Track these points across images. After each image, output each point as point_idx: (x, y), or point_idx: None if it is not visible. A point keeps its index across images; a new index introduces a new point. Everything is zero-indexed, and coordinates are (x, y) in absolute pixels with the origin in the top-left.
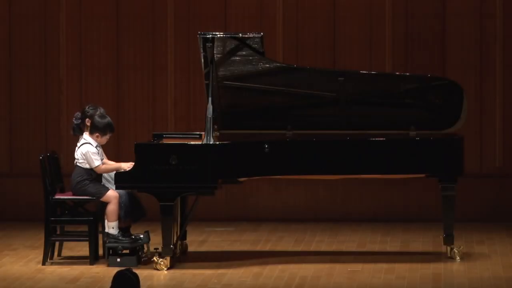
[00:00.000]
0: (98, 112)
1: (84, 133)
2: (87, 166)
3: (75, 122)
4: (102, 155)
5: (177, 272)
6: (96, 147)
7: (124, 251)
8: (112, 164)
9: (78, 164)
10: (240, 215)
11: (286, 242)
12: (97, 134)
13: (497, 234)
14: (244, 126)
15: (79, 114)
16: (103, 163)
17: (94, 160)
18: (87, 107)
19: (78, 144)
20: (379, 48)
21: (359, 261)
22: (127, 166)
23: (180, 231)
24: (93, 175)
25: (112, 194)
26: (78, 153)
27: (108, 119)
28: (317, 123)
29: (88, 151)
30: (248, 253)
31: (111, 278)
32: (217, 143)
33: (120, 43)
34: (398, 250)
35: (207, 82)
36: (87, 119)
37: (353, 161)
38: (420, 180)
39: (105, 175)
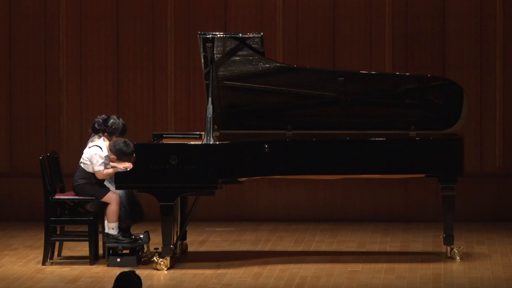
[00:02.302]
0: (117, 134)
1: (101, 138)
2: (89, 169)
3: (97, 126)
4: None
5: (177, 272)
6: (105, 156)
7: (124, 251)
8: (109, 170)
9: (81, 165)
10: (240, 215)
11: (286, 242)
12: (114, 156)
13: (497, 234)
14: (244, 126)
15: (101, 120)
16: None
17: (98, 165)
18: (112, 120)
19: (90, 144)
20: (379, 48)
21: (359, 261)
22: (122, 166)
23: (180, 231)
24: (94, 179)
25: (112, 195)
26: (86, 153)
27: (131, 148)
28: (317, 123)
29: (96, 153)
30: (248, 253)
31: (111, 278)
32: (217, 143)
33: (120, 43)
34: (398, 250)
35: (207, 82)
36: (106, 133)
37: (353, 161)
38: (420, 180)
39: None
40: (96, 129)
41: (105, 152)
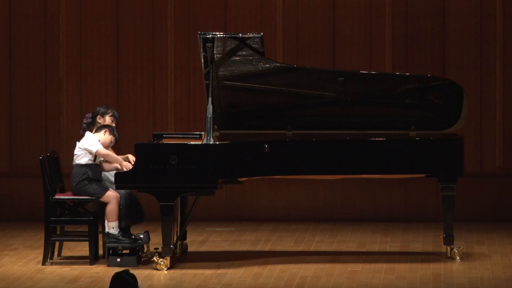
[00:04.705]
0: (110, 111)
1: (87, 132)
2: (84, 160)
3: (85, 121)
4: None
5: (177, 272)
6: (98, 140)
7: (124, 251)
8: (115, 156)
9: (75, 162)
10: (240, 215)
11: (286, 242)
12: (105, 129)
13: (497, 234)
14: (244, 126)
15: (90, 114)
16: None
17: (95, 145)
18: (98, 107)
19: (78, 143)
20: (379, 48)
21: (359, 261)
22: (126, 165)
23: (180, 231)
24: (91, 173)
25: (112, 194)
26: (76, 148)
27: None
28: (317, 123)
29: (88, 138)
30: (248, 253)
31: (111, 278)
32: (217, 143)
33: (120, 43)
34: (398, 250)
35: (207, 82)
36: (99, 116)
37: (353, 161)
38: (420, 180)
39: (106, 175)
40: (88, 125)
41: (96, 138)
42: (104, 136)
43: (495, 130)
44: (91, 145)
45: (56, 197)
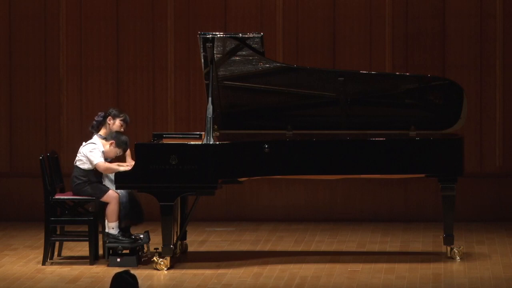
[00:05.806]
0: (122, 116)
1: (95, 135)
2: (85, 166)
3: (96, 119)
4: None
5: (177, 272)
6: (102, 151)
7: (124, 251)
8: (112, 164)
9: (77, 164)
10: (240, 215)
11: (286, 242)
12: (112, 141)
13: (497, 234)
14: (244, 126)
15: (103, 113)
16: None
17: (96, 158)
18: (111, 108)
19: (84, 143)
20: (379, 48)
21: (359, 261)
22: (125, 167)
23: (180, 231)
24: (92, 177)
25: (112, 194)
26: (80, 152)
27: (125, 136)
28: (317, 123)
29: (93, 149)
30: (248, 253)
31: (111, 279)
32: (217, 143)
33: (120, 43)
34: (398, 250)
35: (207, 82)
36: (110, 117)
37: (353, 161)
38: (420, 180)
39: (107, 175)
40: (96, 124)
41: (101, 148)
42: (109, 148)
43: (495, 130)
44: (93, 156)
45: (56, 197)
